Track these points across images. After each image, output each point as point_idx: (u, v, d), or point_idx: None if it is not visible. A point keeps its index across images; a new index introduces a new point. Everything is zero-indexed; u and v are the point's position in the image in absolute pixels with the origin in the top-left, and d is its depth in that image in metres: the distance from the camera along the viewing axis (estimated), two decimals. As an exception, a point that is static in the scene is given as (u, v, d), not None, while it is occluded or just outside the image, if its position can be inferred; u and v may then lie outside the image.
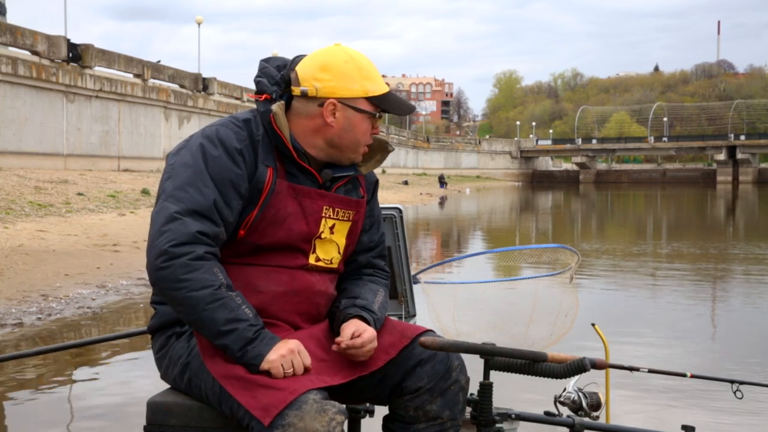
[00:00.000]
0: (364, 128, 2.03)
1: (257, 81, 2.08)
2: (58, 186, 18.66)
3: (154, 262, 1.84)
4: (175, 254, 1.83)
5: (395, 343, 2.02)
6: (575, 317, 3.82)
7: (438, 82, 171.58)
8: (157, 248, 1.84)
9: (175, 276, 1.82)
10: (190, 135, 2.05)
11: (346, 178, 2.11)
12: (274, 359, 1.81)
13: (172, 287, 1.83)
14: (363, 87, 2.01)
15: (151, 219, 1.92)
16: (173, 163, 1.98)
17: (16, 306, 7.05)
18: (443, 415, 2.00)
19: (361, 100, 2.01)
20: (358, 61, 2.02)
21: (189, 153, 1.97)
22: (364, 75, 2.01)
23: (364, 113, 2.02)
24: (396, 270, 3.15)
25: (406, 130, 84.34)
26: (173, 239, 1.84)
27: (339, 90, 2.00)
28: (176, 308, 1.88)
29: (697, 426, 2.44)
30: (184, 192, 1.90)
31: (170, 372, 2.01)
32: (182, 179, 1.92)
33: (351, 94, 2.00)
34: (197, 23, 44.41)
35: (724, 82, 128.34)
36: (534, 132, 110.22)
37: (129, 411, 4.21)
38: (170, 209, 1.87)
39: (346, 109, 2.01)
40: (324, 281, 2.09)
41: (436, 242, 16.75)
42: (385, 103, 2.05)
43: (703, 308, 8.24)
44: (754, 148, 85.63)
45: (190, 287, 1.82)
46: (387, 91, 2.05)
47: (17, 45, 25.03)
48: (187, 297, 1.82)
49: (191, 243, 1.84)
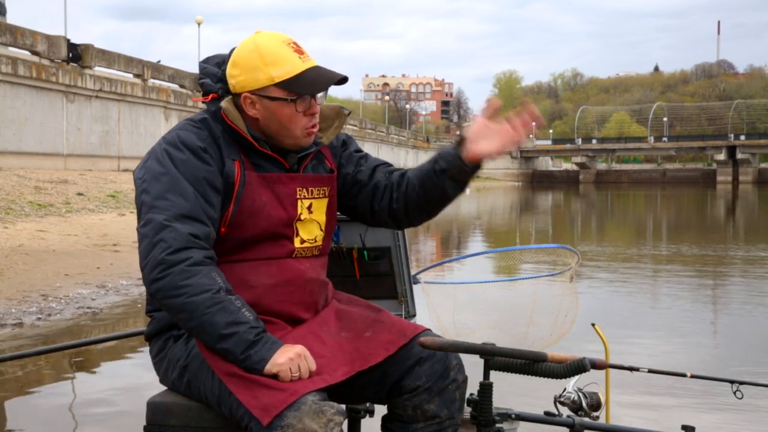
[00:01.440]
0: (287, 114, 1.99)
1: (201, 83, 2.08)
2: (58, 186, 18.66)
3: (151, 274, 1.84)
4: (172, 262, 1.83)
5: (395, 341, 2.02)
6: (575, 317, 3.81)
7: (438, 82, 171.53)
8: (153, 260, 1.84)
9: (174, 283, 1.82)
10: (151, 148, 2.03)
11: (311, 155, 2.10)
12: (283, 362, 1.81)
13: (171, 295, 1.83)
14: (267, 74, 1.97)
15: (139, 236, 1.90)
16: (143, 177, 1.96)
17: (16, 306, 7.05)
18: (441, 415, 2.00)
19: (270, 87, 1.98)
20: (263, 48, 1.98)
21: (157, 162, 1.95)
22: (267, 62, 1.97)
23: (279, 100, 1.99)
24: (396, 270, 3.14)
25: (406, 130, 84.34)
26: (168, 247, 1.83)
27: (248, 83, 1.99)
28: (177, 316, 1.87)
29: (697, 426, 2.44)
30: (165, 200, 1.89)
31: (169, 375, 2.01)
32: (159, 189, 1.91)
33: (258, 84, 1.98)
34: (197, 23, 44.42)
35: (724, 82, 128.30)
36: (534, 132, 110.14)
37: (129, 411, 4.21)
38: (157, 219, 1.87)
39: (261, 99, 2.00)
40: (314, 268, 2.09)
41: (436, 242, 16.75)
42: (296, 85, 1.97)
43: (703, 308, 8.24)
44: (754, 148, 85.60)
45: (189, 293, 1.82)
46: (299, 72, 1.97)
47: (17, 45, 25.01)
48: (187, 303, 1.82)
49: (186, 248, 1.84)
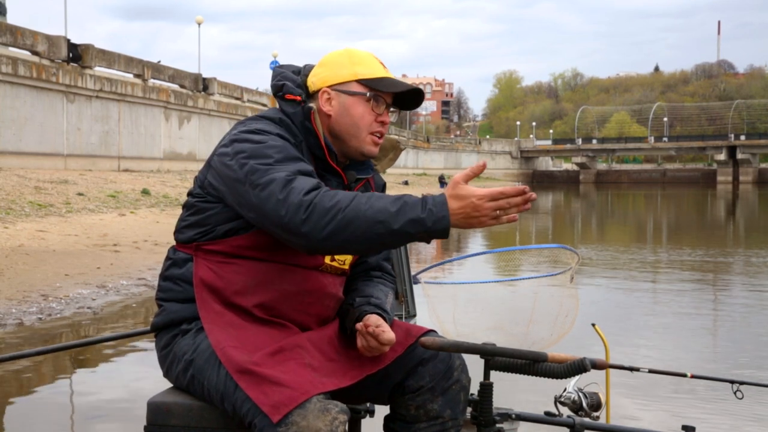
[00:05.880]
0: (360, 111, 2.02)
1: (281, 84, 2.06)
2: (58, 186, 18.65)
3: (295, 219, 1.76)
4: (311, 198, 1.77)
5: (401, 341, 2.03)
6: (575, 317, 3.82)
7: (438, 82, 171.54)
8: (292, 206, 1.77)
9: (323, 208, 1.75)
10: (228, 139, 1.97)
11: (365, 180, 2.13)
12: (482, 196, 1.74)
13: (328, 220, 1.75)
14: (353, 71, 2.03)
15: (259, 201, 1.82)
16: (237, 155, 1.88)
17: (16, 306, 7.05)
18: (444, 415, 2.01)
19: (352, 83, 2.02)
20: (352, 52, 2.06)
21: (248, 143, 1.90)
22: (355, 61, 2.04)
23: (357, 95, 2.02)
24: (396, 270, 3.15)
25: (407, 130, 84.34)
26: (300, 190, 1.78)
27: (330, 78, 2.03)
28: (347, 233, 1.76)
29: (698, 426, 2.44)
30: (279, 163, 1.85)
31: (173, 369, 2.01)
32: (266, 156, 1.86)
33: (340, 79, 2.03)
34: (197, 23, 44.41)
35: (724, 82, 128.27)
36: (534, 132, 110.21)
37: (129, 411, 4.22)
38: (279, 176, 1.81)
39: (339, 95, 2.03)
40: (335, 284, 2.09)
41: (436, 242, 16.76)
42: (377, 83, 2.03)
43: (703, 308, 8.24)
44: (755, 148, 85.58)
45: (341, 206, 1.75)
46: (381, 75, 2.03)
47: (17, 45, 25.01)
48: (346, 213, 1.74)
49: (316, 188, 1.80)
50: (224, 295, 1.97)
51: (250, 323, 1.96)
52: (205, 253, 2.00)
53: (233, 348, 1.88)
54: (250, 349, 1.88)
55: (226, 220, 1.97)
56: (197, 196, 2.03)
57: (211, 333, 1.93)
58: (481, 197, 1.74)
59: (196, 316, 1.99)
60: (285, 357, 1.86)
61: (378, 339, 1.93)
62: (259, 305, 1.97)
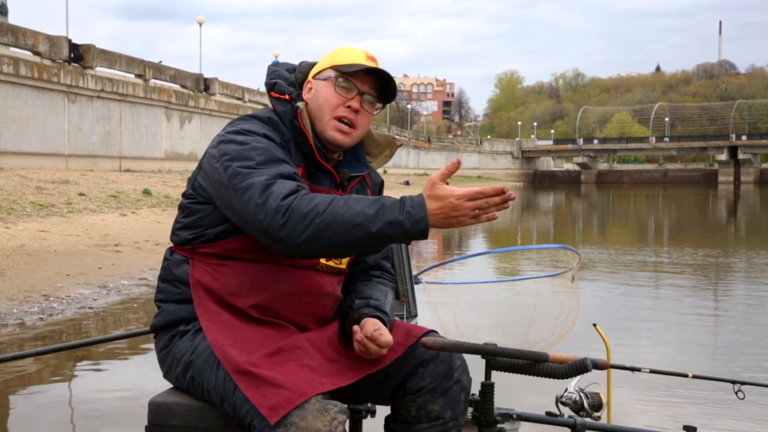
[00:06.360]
0: (326, 94, 2.03)
1: (274, 82, 2.09)
2: (60, 186, 18.65)
3: (273, 223, 1.76)
4: (288, 203, 1.77)
5: (402, 342, 2.03)
6: (577, 317, 3.81)
7: (439, 82, 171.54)
8: (270, 211, 1.77)
9: (300, 213, 1.75)
10: (217, 140, 1.97)
11: (360, 177, 2.12)
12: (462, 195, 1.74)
13: (306, 224, 1.75)
14: (331, 59, 2.06)
15: (241, 204, 1.82)
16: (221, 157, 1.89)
17: (17, 306, 7.06)
18: (445, 415, 2.01)
19: (327, 70, 2.05)
20: (344, 47, 2.09)
21: (233, 143, 1.91)
22: (339, 53, 2.07)
23: (327, 79, 2.04)
24: (397, 270, 3.14)
25: (408, 130, 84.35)
26: (278, 195, 1.78)
27: (314, 70, 2.09)
28: (324, 238, 1.76)
29: (699, 426, 2.44)
30: (261, 166, 1.85)
31: (173, 370, 2.01)
32: (248, 158, 1.86)
33: (320, 68, 2.08)
34: (199, 23, 44.41)
35: (725, 82, 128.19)
36: (535, 132, 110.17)
37: (130, 411, 4.22)
38: (259, 180, 1.82)
39: (316, 82, 2.06)
40: (332, 283, 2.09)
41: (437, 242, 16.74)
42: (346, 67, 2.01)
43: (704, 308, 8.23)
44: (756, 149, 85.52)
45: (318, 210, 1.75)
46: (356, 62, 2.01)
47: (19, 45, 25.02)
48: (324, 217, 1.74)
49: (294, 192, 1.80)
50: (220, 296, 1.97)
51: (247, 324, 1.96)
52: (201, 256, 2.00)
53: (232, 347, 1.88)
54: (248, 349, 1.88)
55: (217, 222, 1.97)
56: (190, 198, 2.04)
57: (208, 331, 1.93)
58: (460, 197, 1.74)
59: (193, 317, 1.99)
60: (284, 358, 1.86)
61: (376, 342, 1.93)
62: (255, 306, 1.97)
